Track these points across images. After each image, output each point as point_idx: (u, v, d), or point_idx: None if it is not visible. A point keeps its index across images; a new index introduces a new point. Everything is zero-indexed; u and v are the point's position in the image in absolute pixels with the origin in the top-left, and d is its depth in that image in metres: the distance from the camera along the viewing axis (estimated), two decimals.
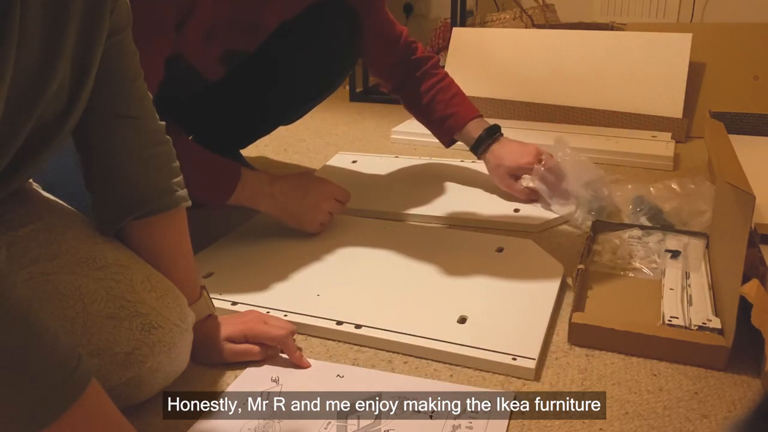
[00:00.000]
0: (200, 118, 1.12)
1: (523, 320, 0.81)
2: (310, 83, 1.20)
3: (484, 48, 1.97)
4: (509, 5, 2.70)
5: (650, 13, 2.72)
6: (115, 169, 0.68)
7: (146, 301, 0.64)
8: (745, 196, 0.70)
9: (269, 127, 1.33)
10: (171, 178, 0.70)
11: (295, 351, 0.75)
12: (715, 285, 0.86)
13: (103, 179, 0.69)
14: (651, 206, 1.14)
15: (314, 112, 1.31)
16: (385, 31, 1.20)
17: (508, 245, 1.02)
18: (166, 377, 0.67)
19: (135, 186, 0.68)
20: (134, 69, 0.67)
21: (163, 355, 0.64)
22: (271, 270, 0.95)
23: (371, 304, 0.86)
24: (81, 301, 0.61)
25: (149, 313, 0.63)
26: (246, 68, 1.13)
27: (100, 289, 0.63)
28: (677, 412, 0.67)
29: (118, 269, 0.65)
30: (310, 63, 1.16)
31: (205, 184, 0.91)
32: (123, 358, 0.61)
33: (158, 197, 0.69)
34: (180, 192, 0.71)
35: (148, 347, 0.62)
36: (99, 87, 0.63)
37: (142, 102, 0.69)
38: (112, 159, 0.67)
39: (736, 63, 1.73)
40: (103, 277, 0.64)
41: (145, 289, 0.65)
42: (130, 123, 0.67)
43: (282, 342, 0.74)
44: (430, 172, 1.40)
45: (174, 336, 0.64)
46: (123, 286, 0.64)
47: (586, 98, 1.79)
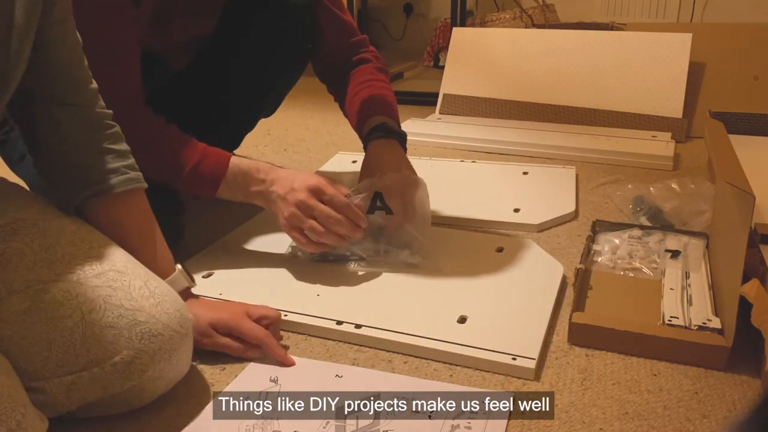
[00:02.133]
0: (172, 113, 1.10)
1: (523, 320, 0.81)
2: (266, 66, 1.17)
3: (484, 48, 1.97)
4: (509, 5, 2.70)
5: (650, 13, 2.72)
6: (61, 155, 0.69)
7: (145, 308, 0.63)
8: (745, 196, 0.70)
9: (246, 119, 1.32)
10: (119, 161, 0.71)
11: (277, 350, 0.74)
12: (715, 285, 0.86)
13: (50, 164, 0.70)
14: (651, 206, 1.14)
15: (314, 112, 1.31)
16: (339, 23, 1.17)
17: (508, 245, 1.02)
18: (168, 383, 0.67)
19: (81, 169, 0.70)
20: (76, 58, 0.69)
21: (164, 363, 0.63)
22: (271, 270, 0.95)
23: (371, 304, 0.86)
24: (79, 310, 0.61)
25: (148, 321, 0.63)
26: (207, 56, 1.12)
27: (98, 298, 0.62)
28: (677, 412, 0.67)
29: (115, 276, 0.64)
30: (263, 45, 1.13)
31: (189, 175, 0.91)
32: (123, 367, 0.61)
33: (105, 178, 0.70)
34: (131, 174, 0.72)
35: (149, 356, 0.62)
36: (40, 75, 0.65)
37: (85, 89, 0.70)
38: (58, 145, 0.69)
39: (736, 63, 1.73)
40: (101, 284, 0.63)
41: (143, 295, 0.64)
42: (74, 110, 0.69)
43: (264, 343, 0.74)
44: (430, 172, 1.40)
45: (174, 342, 0.64)
46: (121, 293, 0.63)
47: (586, 98, 1.79)
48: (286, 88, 1.27)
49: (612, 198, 1.25)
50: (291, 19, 1.12)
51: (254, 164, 0.93)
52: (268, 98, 1.27)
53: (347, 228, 0.90)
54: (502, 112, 1.87)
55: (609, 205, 1.24)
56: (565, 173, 1.39)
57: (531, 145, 1.58)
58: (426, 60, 3.04)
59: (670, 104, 1.70)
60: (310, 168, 1.48)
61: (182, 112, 1.00)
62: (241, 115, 1.30)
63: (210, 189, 0.92)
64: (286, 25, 1.13)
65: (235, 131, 1.35)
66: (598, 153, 1.52)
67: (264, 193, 0.92)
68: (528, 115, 1.84)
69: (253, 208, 1.14)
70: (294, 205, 0.89)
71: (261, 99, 1.26)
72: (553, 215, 1.15)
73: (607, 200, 1.26)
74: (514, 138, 1.62)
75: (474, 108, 1.91)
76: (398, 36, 3.47)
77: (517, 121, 1.81)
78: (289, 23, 1.13)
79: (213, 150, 0.93)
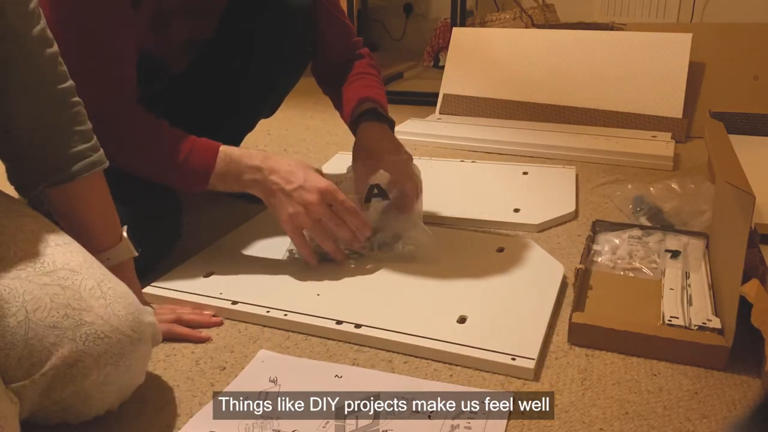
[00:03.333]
0: (172, 116, 1.10)
1: (523, 320, 0.81)
2: (266, 69, 1.17)
3: (483, 48, 1.97)
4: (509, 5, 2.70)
5: (650, 13, 2.72)
6: (23, 138, 0.67)
7: (93, 308, 0.60)
8: (745, 196, 0.70)
9: (246, 120, 1.32)
10: (83, 143, 0.69)
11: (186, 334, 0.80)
12: (715, 285, 0.86)
13: (12, 149, 0.68)
14: (651, 206, 1.15)
15: (314, 111, 1.31)
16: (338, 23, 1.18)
17: (508, 245, 1.02)
18: (119, 390, 0.63)
19: (44, 155, 0.68)
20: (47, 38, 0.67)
21: (110, 367, 0.59)
22: (271, 270, 0.95)
23: (371, 303, 0.86)
24: (23, 309, 0.58)
25: (95, 322, 0.59)
26: (205, 57, 1.12)
27: (44, 296, 0.59)
28: (677, 412, 0.67)
29: (67, 274, 0.61)
30: (264, 48, 1.14)
31: (179, 169, 0.90)
32: (65, 369, 0.57)
33: (69, 165, 0.68)
34: (94, 156, 0.70)
35: (92, 359, 0.58)
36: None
37: (48, 69, 0.67)
38: (21, 129, 0.67)
39: (736, 63, 1.73)
40: (49, 282, 0.60)
41: (93, 296, 0.60)
42: (40, 89, 0.66)
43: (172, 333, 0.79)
44: (430, 172, 1.40)
45: (123, 346, 0.60)
46: (69, 292, 0.60)
47: (586, 98, 1.79)
48: (286, 89, 1.27)
49: (612, 198, 1.25)
50: (291, 22, 1.13)
51: (246, 152, 0.92)
52: (268, 100, 1.27)
53: (350, 237, 0.90)
54: (502, 112, 1.87)
55: (609, 205, 1.24)
56: (565, 173, 1.39)
57: (531, 145, 1.58)
58: (426, 60, 3.04)
59: (670, 104, 1.70)
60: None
61: (182, 114, 1.00)
62: (241, 117, 1.30)
63: (202, 181, 0.90)
64: (287, 28, 1.13)
65: (235, 132, 1.35)
66: (598, 153, 1.52)
67: (261, 182, 0.90)
68: (528, 115, 1.84)
69: (252, 208, 1.15)
70: (301, 204, 0.88)
71: (261, 101, 1.27)
72: (553, 215, 1.15)
73: (607, 200, 1.26)
74: (514, 138, 1.62)
75: (474, 108, 1.91)
76: (398, 36, 3.47)
77: (517, 121, 1.81)
78: (289, 26, 1.13)
79: (201, 141, 0.91)
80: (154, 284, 0.91)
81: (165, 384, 0.72)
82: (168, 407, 0.68)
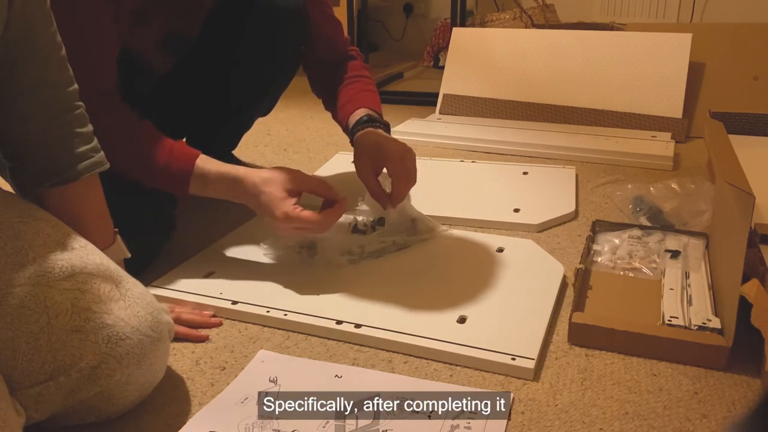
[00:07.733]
0: (163, 118, 1.08)
1: (523, 320, 0.81)
2: (259, 68, 1.17)
3: (483, 48, 1.97)
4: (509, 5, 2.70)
5: (650, 13, 2.72)
6: (31, 139, 0.68)
7: (113, 311, 0.61)
8: (745, 196, 0.70)
9: (242, 119, 1.31)
10: (84, 144, 0.70)
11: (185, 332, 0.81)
12: (715, 285, 0.86)
13: (18, 149, 0.69)
14: (651, 206, 1.15)
15: (314, 112, 1.31)
16: (329, 27, 1.18)
17: (508, 245, 1.02)
18: (140, 389, 0.65)
19: (48, 155, 0.68)
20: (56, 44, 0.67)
21: (133, 367, 0.61)
22: (271, 270, 0.95)
23: (371, 303, 0.86)
24: (45, 315, 0.59)
25: (115, 324, 0.60)
26: (194, 58, 1.12)
27: (66, 301, 0.60)
28: (677, 412, 0.67)
29: (86, 278, 0.62)
30: (255, 48, 1.14)
31: (162, 175, 0.90)
32: (89, 372, 0.59)
33: (72, 166, 0.69)
34: (95, 157, 0.71)
35: (115, 360, 0.60)
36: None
37: (58, 71, 0.68)
38: (29, 129, 0.67)
39: (736, 63, 1.73)
40: (70, 287, 0.61)
41: (113, 298, 0.62)
42: (45, 90, 0.67)
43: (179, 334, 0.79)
44: (430, 172, 1.40)
45: (144, 346, 0.62)
46: (90, 296, 0.61)
47: (586, 98, 1.79)
48: (280, 88, 1.27)
49: (612, 198, 1.25)
50: (282, 21, 1.13)
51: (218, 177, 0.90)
52: (262, 99, 1.28)
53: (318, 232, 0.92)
54: (502, 112, 1.87)
55: (609, 205, 1.24)
56: (565, 173, 1.39)
57: (531, 145, 1.58)
58: (426, 60, 3.04)
59: (670, 104, 1.70)
60: (310, 168, 1.48)
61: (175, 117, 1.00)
62: (236, 116, 1.30)
63: (181, 190, 0.91)
64: (278, 26, 1.13)
65: (232, 132, 1.35)
66: (598, 153, 1.52)
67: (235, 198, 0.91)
68: (528, 115, 1.84)
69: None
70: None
71: (255, 100, 1.27)
72: (553, 215, 1.15)
73: (607, 200, 1.26)
74: (514, 138, 1.63)
75: (474, 108, 1.91)
76: (398, 36, 3.47)
77: (517, 121, 1.81)
78: (280, 25, 1.13)
79: (178, 152, 0.90)
80: (154, 284, 0.91)
81: (165, 384, 0.72)
82: (168, 407, 0.68)
